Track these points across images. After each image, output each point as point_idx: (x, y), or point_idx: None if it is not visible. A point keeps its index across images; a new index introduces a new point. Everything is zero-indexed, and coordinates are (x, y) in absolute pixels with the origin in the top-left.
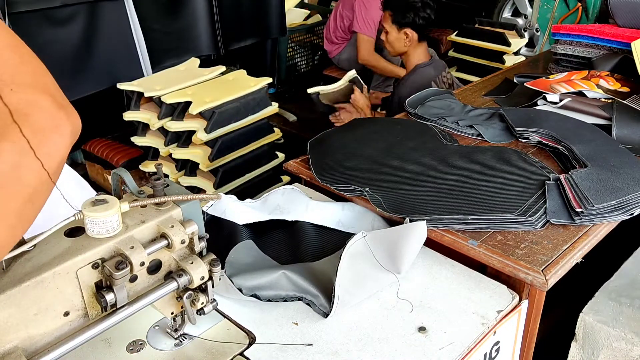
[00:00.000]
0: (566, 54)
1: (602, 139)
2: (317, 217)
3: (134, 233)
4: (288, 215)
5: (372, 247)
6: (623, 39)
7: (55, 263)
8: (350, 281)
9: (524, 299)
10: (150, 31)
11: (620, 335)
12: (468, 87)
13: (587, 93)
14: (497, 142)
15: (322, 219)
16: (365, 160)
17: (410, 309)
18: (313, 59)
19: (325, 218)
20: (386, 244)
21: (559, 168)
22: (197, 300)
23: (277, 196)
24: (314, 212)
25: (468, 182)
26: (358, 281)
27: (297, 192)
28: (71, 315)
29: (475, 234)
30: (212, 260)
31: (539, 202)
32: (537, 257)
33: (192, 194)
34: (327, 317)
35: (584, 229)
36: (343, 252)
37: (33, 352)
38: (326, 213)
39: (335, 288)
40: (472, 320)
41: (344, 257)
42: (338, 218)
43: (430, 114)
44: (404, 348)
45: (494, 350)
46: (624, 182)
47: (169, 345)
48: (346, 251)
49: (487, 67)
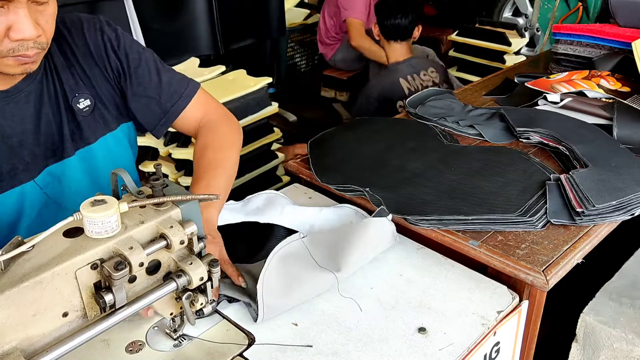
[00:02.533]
0: (567, 54)
1: (603, 139)
2: (289, 221)
3: (132, 233)
4: (261, 218)
5: (310, 248)
6: (624, 38)
7: (54, 263)
8: (279, 284)
9: (525, 300)
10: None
11: (621, 336)
12: (468, 87)
13: (588, 93)
14: (497, 142)
15: (294, 223)
16: (366, 161)
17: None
18: (313, 58)
19: (297, 222)
20: (328, 242)
21: (559, 168)
22: (196, 300)
23: (259, 200)
24: (287, 216)
25: (468, 182)
26: (289, 284)
27: (280, 197)
28: (70, 316)
29: (476, 234)
30: (211, 261)
31: (539, 202)
32: (537, 258)
33: (191, 194)
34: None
35: (585, 229)
36: (270, 255)
37: (32, 353)
38: (300, 217)
39: (258, 293)
40: (472, 321)
41: (270, 261)
42: (312, 223)
43: (430, 114)
44: (404, 348)
45: (494, 351)
46: (625, 182)
47: (168, 346)
48: (273, 254)
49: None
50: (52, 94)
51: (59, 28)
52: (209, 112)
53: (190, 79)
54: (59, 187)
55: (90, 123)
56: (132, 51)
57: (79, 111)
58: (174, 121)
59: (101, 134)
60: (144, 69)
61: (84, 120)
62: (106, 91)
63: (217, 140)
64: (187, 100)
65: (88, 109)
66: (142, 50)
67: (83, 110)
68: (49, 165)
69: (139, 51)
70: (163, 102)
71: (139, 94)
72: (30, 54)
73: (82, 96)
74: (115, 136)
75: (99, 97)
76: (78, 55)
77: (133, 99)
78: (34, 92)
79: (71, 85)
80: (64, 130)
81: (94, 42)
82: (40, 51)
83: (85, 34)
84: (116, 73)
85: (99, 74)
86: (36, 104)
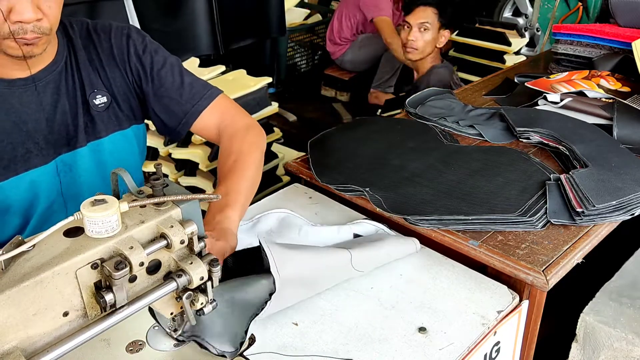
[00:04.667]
0: (567, 54)
1: (603, 139)
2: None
3: (133, 233)
4: (280, 240)
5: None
6: (624, 38)
7: (54, 263)
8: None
9: (525, 299)
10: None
11: (621, 336)
12: (468, 86)
13: (588, 93)
14: (497, 142)
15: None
16: (366, 160)
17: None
18: (313, 58)
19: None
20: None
21: (559, 168)
22: (196, 300)
23: (271, 220)
24: (307, 237)
25: (468, 182)
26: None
27: (291, 216)
28: (70, 316)
29: (476, 234)
30: (211, 261)
31: (539, 202)
32: (537, 258)
33: (191, 194)
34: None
35: (585, 229)
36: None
37: (32, 353)
38: (319, 238)
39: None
40: (472, 321)
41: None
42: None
43: (430, 114)
44: (404, 348)
45: (494, 351)
46: (625, 182)
47: (169, 346)
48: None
49: (488, 67)
50: (70, 87)
51: (90, 32)
52: (229, 117)
53: (214, 86)
54: (70, 176)
55: (104, 118)
56: (158, 55)
57: (94, 106)
58: (193, 122)
59: (112, 131)
60: (167, 71)
61: (98, 115)
62: (123, 92)
63: (236, 145)
64: (207, 102)
65: (103, 105)
66: (168, 55)
67: (98, 106)
68: (62, 153)
69: (164, 56)
70: (183, 103)
71: (161, 95)
72: (29, 37)
73: (99, 93)
74: (125, 135)
75: (115, 97)
76: (102, 56)
77: (155, 100)
78: (52, 82)
79: (91, 81)
80: (78, 121)
81: (119, 45)
82: (41, 36)
83: (112, 38)
84: (136, 77)
85: (118, 75)
86: (54, 94)
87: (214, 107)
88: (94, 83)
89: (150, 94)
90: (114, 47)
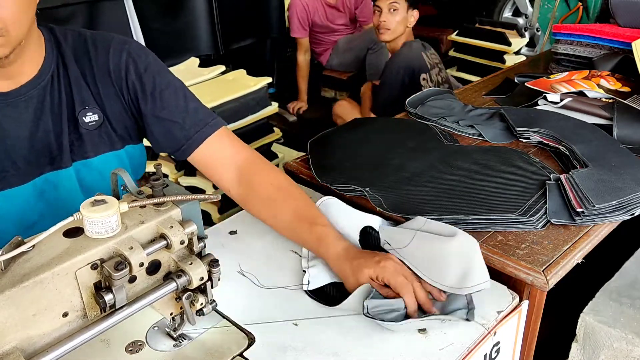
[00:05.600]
0: (567, 54)
1: (603, 139)
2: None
3: (133, 233)
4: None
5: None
6: (624, 38)
7: (54, 264)
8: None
9: (525, 300)
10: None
11: (621, 336)
12: (468, 86)
13: (588, 93)
14: (497, 142)
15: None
16: (366, 160)
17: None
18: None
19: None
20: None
21: (559, 168)
22: (196, 300)
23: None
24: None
25: (468, 182)
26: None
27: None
28: (70, 316)
29: (476, 234)
30: (211, 261)
31: (539, 202)
32: (537, 258)
33: (191, 194)
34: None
35: (585, 229)
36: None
37: (32, 353)
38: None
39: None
40: (472, 321)
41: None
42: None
43: (430, 114)
44: (404, 348)
45: (494, 351)
46: (625, 182)
47: (168, 346)
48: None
49: (488, 67)
50: (55, 103)
51: (87, 44)
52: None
53: (218, 116)
54: (55, 194)
55: (94, 138)
56: (160, 76)
57: (83, 124)
58: (196, 148)
59: (103, 151)
60: (170, 94)
61: (88, 134)
62: (117, 111)
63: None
64: (212, 130)
65: (95, 123)
66: (173, 77)
67: (89, 124)
68: (45, 172)
69: (168, 77)
70: (187, 128)
71: (162, 117)
72: None
73: (90, 110)
74: (119, 156)
75: (107, 115)
76: (95, 72)
77: (155, 122)
78: (35, 98)
79: (82, 97)
80: (63, 140)
81: (116, 62)
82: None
83: (110, 53)
84: (133, 96)
85: (112, 93)
86: (36, 111)
87: (220, 136)
88: (86, 99)
89: (149, 115)
90: (111, 63)
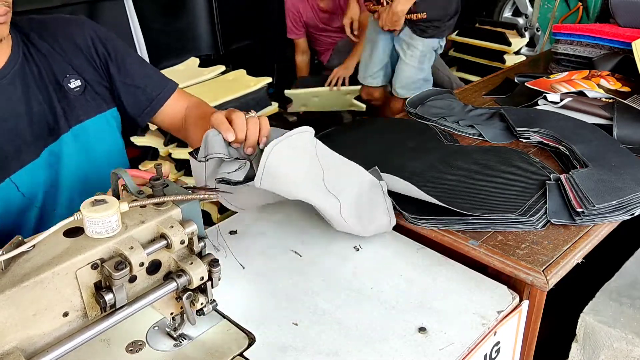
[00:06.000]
0: (567, 54)
1: (603, 139)
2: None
3: (133, 233)
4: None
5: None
6: (624, 38)
7: (54, 263)
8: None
9: (525, 300)
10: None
11: (621, 336)
12: (468, 86)
13: (588, 93)
14: (497, 142)
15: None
16: (366, 160)
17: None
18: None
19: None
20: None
21: (559, 168)
22: (196, 300)
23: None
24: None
25: (468, 182)
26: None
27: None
28: (70, 316)
29: (476, 234)
30: (211, 261)
31: (539, 202)
32: (537, 258)
33: (191, 194)
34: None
35: (585, 229)
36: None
37: (32, 353)
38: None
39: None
40: (472, 321)
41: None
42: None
43: (430, 114)
44: (404, 348)
45: (494, 351)
46: (625, 182)
47: (169, 346)
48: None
49: (488, 67)
50: (36, 75)
51: (45, 22)
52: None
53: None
54: (58, 166)
55: (82, 102)
56: (118, 44)
57: (70, 90)
58: (159, 109)
59: (94, 114)
60: (132, 60)
61: (76, 99)
62: (93, 77)
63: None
64: (171, 92)
65: (79, 89)
66: (127, 46)
67: (74, 90)
68: (48, 144)
69: (125, 45)
70: (149, 92)
71: (127, 83)
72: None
73: (72, 77)
74: (106, 118)
75: (88, 81)
76: (63, 44)
77: (121, 87)
78: (17, 75)
79: (62, 67)
80: (55, 108)
81: (80, 33)
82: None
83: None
84: (103, 60)
85: (84, 61)
86: (23, 87)
87: (179, 95)
88: (64, 68)
89: (117, 79)
90: (75, 36)
